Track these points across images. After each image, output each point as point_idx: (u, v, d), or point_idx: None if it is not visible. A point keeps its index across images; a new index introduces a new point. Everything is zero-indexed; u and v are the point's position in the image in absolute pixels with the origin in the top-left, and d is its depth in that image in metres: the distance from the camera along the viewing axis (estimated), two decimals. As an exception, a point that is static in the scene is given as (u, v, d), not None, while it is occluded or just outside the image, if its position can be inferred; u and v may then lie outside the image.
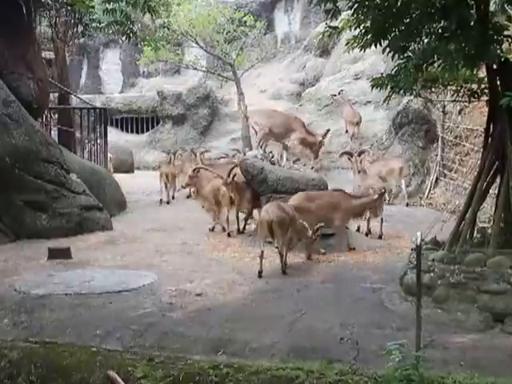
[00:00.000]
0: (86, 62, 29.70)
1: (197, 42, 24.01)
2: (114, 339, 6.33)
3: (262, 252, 8.86)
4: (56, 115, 17.68)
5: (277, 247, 9.04)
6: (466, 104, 14.61)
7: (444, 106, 16.30)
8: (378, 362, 5.50)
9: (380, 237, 11.45)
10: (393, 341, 5.30)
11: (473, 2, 6.97)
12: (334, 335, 6.27)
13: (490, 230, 7.70)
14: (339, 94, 19.89)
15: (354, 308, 7.22)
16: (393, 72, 7.39)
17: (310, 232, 9.59)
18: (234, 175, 11.28)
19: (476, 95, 8.11)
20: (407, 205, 14.84)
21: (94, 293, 7.82)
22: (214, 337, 6.30)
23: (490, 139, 7.58)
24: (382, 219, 11.57)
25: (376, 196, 11.09)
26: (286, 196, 10.85)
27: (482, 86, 7.93)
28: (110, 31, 15.64)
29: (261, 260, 8.83)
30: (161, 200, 15.05)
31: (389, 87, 7.50)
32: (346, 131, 19.23)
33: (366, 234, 11.71)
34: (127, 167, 20.98)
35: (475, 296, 6.77)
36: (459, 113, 16.17)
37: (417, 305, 5.61)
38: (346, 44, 7.62)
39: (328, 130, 18.08)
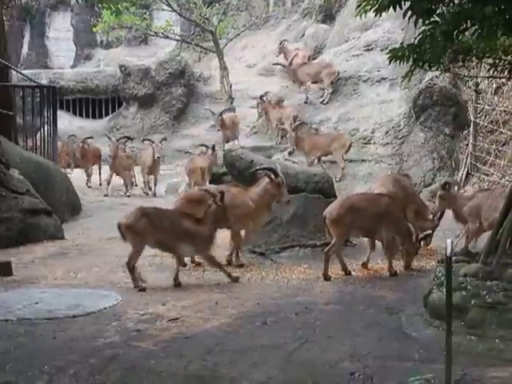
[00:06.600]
0: (29, 29, 29.61)
1: (169, 4, 24.04)
2: (66, 376, 6.26)
3: (326, 254, 9.71)
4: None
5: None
6: (505, 81, 14.68)
7: (477, 84, 16.39)
8: (397, 402, 5.51)
9: (398, 247, 11.48)
10: (416, 376, 5.28)
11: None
12: (343, 369, 6.26)
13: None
14: (262, 97, 20.78)
15: (367, 335, 7.22)
16: (416, 41, 7.40)
17: (414, 238, 10.31)
18: None
19: (518, 70, 8.15)
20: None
21: (42, 318, 7.76)
22: (193, 372, 6.27)
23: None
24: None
25: None
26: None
27: (526, 58, 7.96)
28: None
29: (325, 264, 9.65)
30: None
31: (410, 60, 7.51)
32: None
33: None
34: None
35: (518, 320, 6.79)
36: (496, 92, 16.26)
37: (446, 331, 5.61)
38: (358, 7, 7.62)
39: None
